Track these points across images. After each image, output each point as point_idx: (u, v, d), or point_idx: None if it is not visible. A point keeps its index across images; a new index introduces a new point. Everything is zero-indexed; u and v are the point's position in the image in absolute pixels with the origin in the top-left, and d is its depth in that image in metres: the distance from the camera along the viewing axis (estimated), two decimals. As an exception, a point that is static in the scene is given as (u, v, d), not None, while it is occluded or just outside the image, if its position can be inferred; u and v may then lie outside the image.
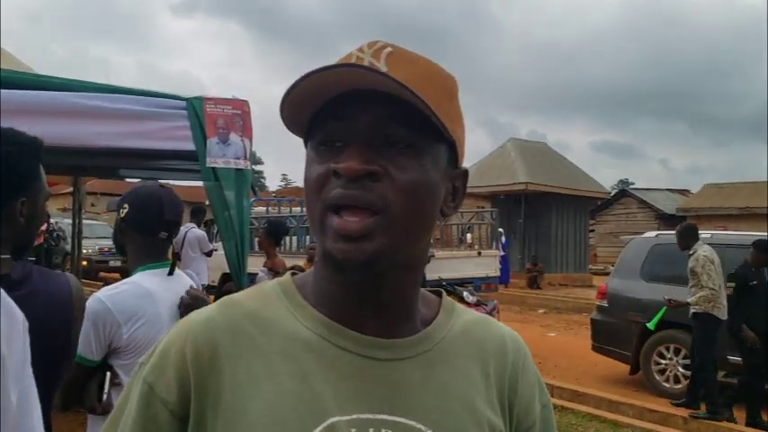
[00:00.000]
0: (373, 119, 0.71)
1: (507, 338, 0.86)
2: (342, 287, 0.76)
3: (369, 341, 0.75)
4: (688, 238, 6.63)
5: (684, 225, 7.07)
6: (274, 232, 6.11)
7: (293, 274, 0.85)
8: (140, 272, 2.05)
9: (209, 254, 8.57)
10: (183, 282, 2.15)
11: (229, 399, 0.71)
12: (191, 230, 8.46)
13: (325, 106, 0.72)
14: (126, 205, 2.08)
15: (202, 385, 0.72)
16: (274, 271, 5.81)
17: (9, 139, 1.50)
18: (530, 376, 0.85)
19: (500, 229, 17.26)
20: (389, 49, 0.74)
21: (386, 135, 0.71)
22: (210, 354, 0.73)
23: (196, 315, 0.78)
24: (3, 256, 1.46)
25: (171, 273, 2.08)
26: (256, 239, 6.32)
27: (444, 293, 0.88)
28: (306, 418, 0.70)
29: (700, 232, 6.85)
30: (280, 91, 0.82)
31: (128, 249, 2.13)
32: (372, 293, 0.75)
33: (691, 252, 6.50)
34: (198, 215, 9.11)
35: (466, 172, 0.82)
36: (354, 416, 0.71)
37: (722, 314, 6.24)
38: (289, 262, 6.92)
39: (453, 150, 0.77)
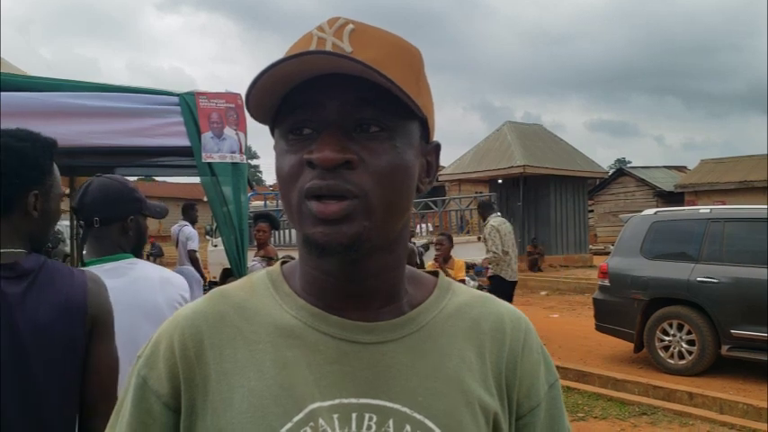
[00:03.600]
0: (342, 104, 0.69)
1: (506, 317, 0.83)
2: (324, 273, 0.76)
3: (352, 325, 0.75)
4: (485, 211, 8.10)
5: (481, 200, 8.57)
6: (274, 222, 6.40)
7: (283, 263, 0.84)
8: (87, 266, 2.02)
9: (189, 253, 8.15)
10: (129, 277, 2.00)
11: (216, 388, 0.73)
12: (183, 228, 8.35)
13: (290, 93, 0.70)
14: None
15: (191, 376, 0.74)
16: (268, 258, 5.96)
17: (24, 135, 1.55)
18: (532, 355, 0.82)
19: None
20: (351, 26, 0.71)
21: (356, 119, 0.70)
22: (197, 346, 0.75)
23: (184, 308, 0.80)
24: (18, 250, 1.48)
25: (83, 264, 2.01)
26: (255, 230, 6.41)
27: (442, 274, 0.86)
28: (287, 405, 0.70)
29: (697, 208, 7.02)
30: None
31: None
32: (354, 277, 0.75)
33: (485, 223, 7.84)
34: (189, 212, 8.88)
35: (438, 146, 0.81)
36: (337, 401, 0.71)
37: (509, 275, 7.57)
38: (287, 254, 7.06)
39: (425, 126, 0.76)
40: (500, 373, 0.79)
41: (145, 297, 1.98)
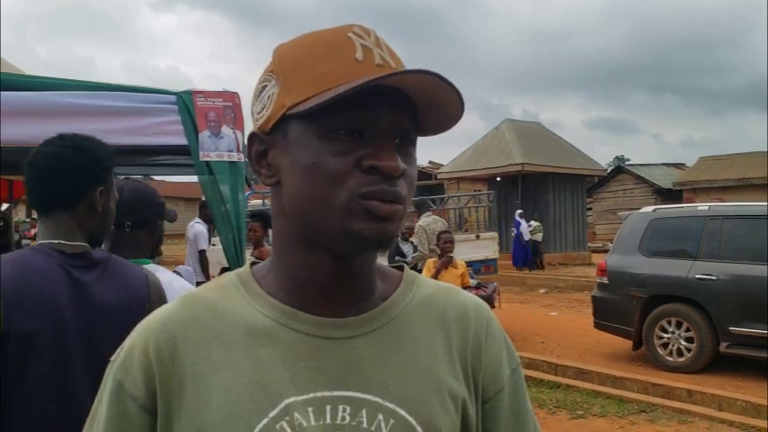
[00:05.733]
0: (400, 117, 0.73)
1: (469, 306, 0.87)
2: (314, 270, 0.78)
3: (323, 322, 0.77)
4: (419, 210, 8.64)
5: (417, 199, 8.84)
6: (268, 222, 6.33)
7: (252, 264, 0.87)
8: None
9: (200, 254, 8.00)
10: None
11: (192, 389, 0.74)
12: (193, 226, 8.33)
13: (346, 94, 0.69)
14: None
15: (166, 379, 0.75)
16: (261, 260, 5.93)
17: (89, 137, 1.68)
18: (495, 342, 0.87)
19: (520, 210, 17.27)
20: (382, 38, 0.77)
21: (403, 133, 0.75)
22: (171, 349, 0.76)
23: (156, 313, 0.81)
24: (83, 244, 1.60)
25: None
26: (247, 229, 6.38)
27: (407, 268, 0.89)
28: (263, 401, 0.73)
29: (695, 205, 7.03)
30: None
31: None
32: (347, 272, 0.78)
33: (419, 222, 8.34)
34: (203, 211, 8.78)
35: None
36: (311, 395, 0.74)
37: None
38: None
39: None
40: (466, 360, 0.83)
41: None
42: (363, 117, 0.71)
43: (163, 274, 2.12)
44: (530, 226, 17.55)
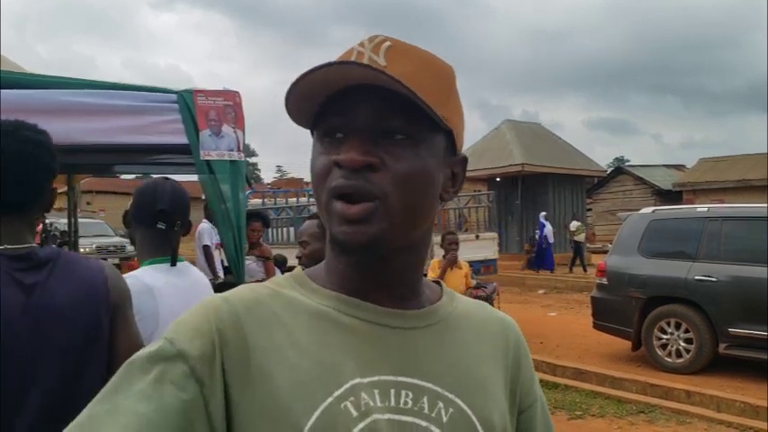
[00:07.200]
0: (371, 112, 0.75)
1: (506, 322, 0.93)
2: (352, 267, 0.81)
3: (383, 311, 0.80)
4: None
5: None
6: (266, 221, 6.40)
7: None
8: (145, 266, 2.04)
9: (204, 249, 8.02)
10: (191, 277, 2.12)
11: (256, 364, 0.72)
12: (200, 225, 8.36)
13: (328, 100, 0.76)
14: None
15: (226, 345, 0.72)
16: (264, 258, 5.94)
17: (37, 128, 1.53)
18: (528, 357, 0.93)
19: (544, 213, 17.24)
20: (389, 43, 0.78)
21: (383, 127, 0.75)
22: (234, 320, 0.74)
23: (217, 295, 0.79)
24: (32, 244, 1.48)
25: (173, 263, 2.05)
26: (248, 230, 6.42)
27: (443, 283, 0.93)
28: (328, 380, 0.73)
29: (695, 206, 6.99)
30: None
31: (136, 243, 2.16)
32: (377, 274, 0.80)
33: None
34: (206, 211, 8.83)
35: (465, 159, 0.87)
36: (376, 378, 0.76)
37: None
38: (286, 253, 7.06)
39: (451, 138, 0.81)
40: (507, 372, 0.87)
41: (201, 298, 2.06)
42: (342, 119, 0.76)
43: (196, 270, 2.22)
44: (560, 228, 17.52)
